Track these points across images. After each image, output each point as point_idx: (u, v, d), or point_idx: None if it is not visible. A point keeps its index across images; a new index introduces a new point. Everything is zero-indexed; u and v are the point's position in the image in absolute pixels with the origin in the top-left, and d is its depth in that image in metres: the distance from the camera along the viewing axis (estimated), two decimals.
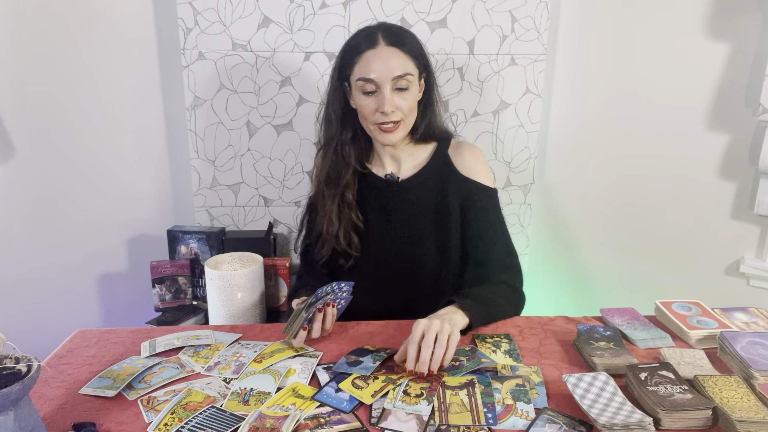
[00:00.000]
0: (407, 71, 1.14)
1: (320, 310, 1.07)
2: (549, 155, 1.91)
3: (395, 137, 1.19)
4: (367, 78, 1.13)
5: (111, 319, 1.91)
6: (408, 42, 1.16)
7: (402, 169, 1.29)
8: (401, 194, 1.27)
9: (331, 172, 1.26)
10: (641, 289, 1.80)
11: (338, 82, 1.22)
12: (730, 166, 1.59)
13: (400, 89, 1.14)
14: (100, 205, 1.82)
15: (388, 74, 1.12)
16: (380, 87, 1.13)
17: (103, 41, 1.69)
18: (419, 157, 1.29)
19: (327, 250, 1.28)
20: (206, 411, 0.85)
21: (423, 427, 0.82)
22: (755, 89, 1.50)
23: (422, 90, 1.23)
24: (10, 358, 0.74)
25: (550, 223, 1.95)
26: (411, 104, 1.17)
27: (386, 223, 1.28)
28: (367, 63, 1.14)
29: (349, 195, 1.26)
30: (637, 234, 1.79)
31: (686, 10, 1.57)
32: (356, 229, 1.27)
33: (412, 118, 1.20)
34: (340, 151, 1.26)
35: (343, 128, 1.25)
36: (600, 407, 0.83)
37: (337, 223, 1.25)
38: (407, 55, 1.15)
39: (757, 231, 1.58)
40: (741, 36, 1.51)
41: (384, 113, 1.14)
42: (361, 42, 1.16)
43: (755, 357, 0.93)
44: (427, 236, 1.27)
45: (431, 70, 1.24)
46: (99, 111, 1.75)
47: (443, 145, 1.29)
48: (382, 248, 1.28)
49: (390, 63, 1.13)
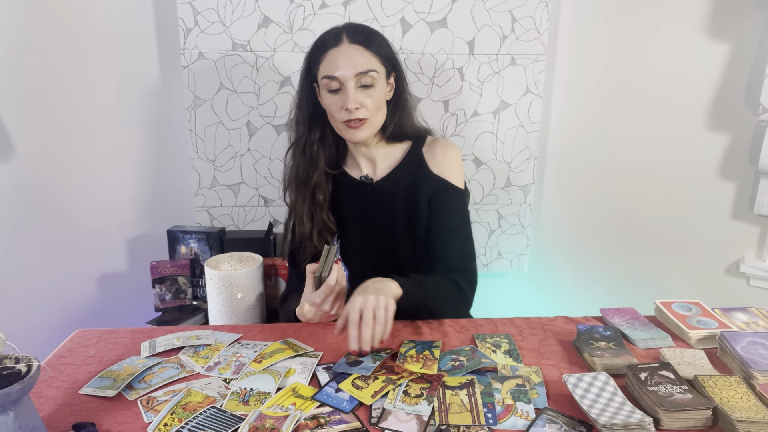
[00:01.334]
0: (371, 68, 1.15)
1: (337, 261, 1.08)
2: (549, 155, 1.91)
3: (361, 134, 1.18)
4: (331, 75, 1.15)
5: (111, 319, 1.91)
6: (374, 41, 1.18)
7: (377, 170, 1.29)
8: (376, 195, 1.27)
9: (301, 172, 1.27)
10: (641, 289, 1.80)
11: (306, 83, 1.23)
12: (730, 166, 1.59)
13: (364, 86, 1.15)
14: (100, 204, 1.82)
15: (352, 71, 1.13)
16: (344, 84, 1.14)
17: (103, 41, 1.69)
18: (394, 157, 1.29)
19: (309, 251, 1.28)
20: (206, 411, 0.85)
21: (423, 427, 0.82)
22: (755, 89, 1.50)
23: (392, 90, 1.24)
24: (10, 358, 0.74)
25: (550, 223, 1.95)
26: (377, 102, 1.17)
27: (364, 225, 1.29)
28: (332, 60, 1.15)
29: (319, 196, 1.26)
30: (637, 234, 1.79)
31: (686, 10, 1.57)
32: (330, 230, 1.28)
33: (379, 117, 1.21)
34: (308, 151, 1.26)
35: (310, 128, 1.25)
36: (600, 407, 0.83)
37: (308, 224, 1.26)
38: (372, 53, 1.16)
39: (757, 231, 1.59)
40: (741, 36, 1.51)
41: (348, 110, 1.15)
42: (326, 40, 1.17)
43: (755, 357, 0.93)
44: (402, 236, 1.27)
45: (401, 70, 1.24)
46: (99, 111, 1.75)
47: (417, 144, 1.29)
48: (360, 249, 1.29)
49: (353, 60, 1.14)
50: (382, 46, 1.19)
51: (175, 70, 1.74)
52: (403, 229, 1.27)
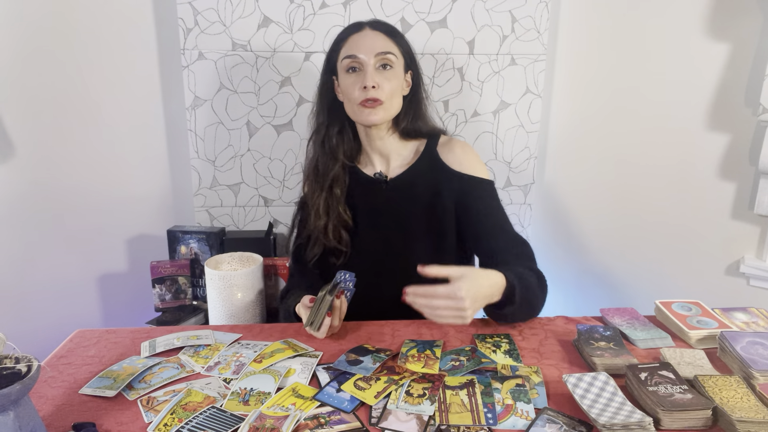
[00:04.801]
0: (390, 50, 1.18)
1: (338, 296, 1.08)
2: (549, 155, 1.91)
3: (376, 116, 1.18)
4: (352, 54, 1.17)
5: (111, 319, 1.91)
6: (396, 34, 1.22)
7: (391, 168, 1.29)
8: (390, 193, 1.27)
9: (320, 164, 1.28)
10: (641, 289, 1.80)
11: (327, 76, 1.25)
12: (730, 166, 1.59)
13: (383, 66, 1.18)
14: (100, 205, 1.82)
15: (371, 50, 1.16)
16: (363, 64, 1.17)
17: (104, 41, 1.69)
18: (408, 154, 1.29)
19: (318, 248, 1.28)
20: (206, 411, 0.85)
21: (423, 427, 0.82)
22: (755, 89, 1.50)
23: (409, 86, 1.25)
24: (10, 358, 0.74)
25: (550, 223, 1.95)
26: (393, 86, 1.18)
27: (376, 223, 1.28)
28: (353, 43, 1.19)
29: (337, 190, 1.27)
30: (637, 234, 1.79)
31: (686, 10, 1.57)
32: (345, 225, 1.27)
33: (394, 103, 1.21)
34: (327, 144, 1.27)
35: (330, 121, 1.27)
36: (600, 407, 0.83)
37: (324, 217, 1.26)
38: (392, 41, 1.20)
39: (757, 231, 1.58)
40: (741, 36, 1.51)
41: (365, 88, 1.15)
42: (348, 29, 1.22)
43: (755, 357, 0.93)
44: (419, 235, 1.26)
45: (418, 70, 1.26)
46: (99, 111, 1.75)
47: (432, 142, 1.29)
48: (373, 248, 1.28)
49: (374, 42, 1.17)
50: (403, 40, 1.24)
51: (175, 70, 1.74)
52: (417, 226, 1.26)
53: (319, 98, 1.28)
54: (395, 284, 1.28)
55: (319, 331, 1.06)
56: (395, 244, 1.27)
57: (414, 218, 1.26)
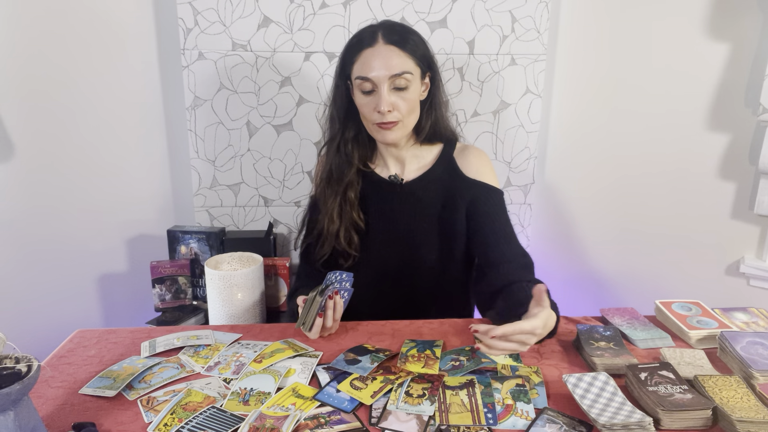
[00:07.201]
0: (405, 70, 1.13)
1: (331, 297, 1.07)
2: (549, 155, 1.91)
3: (393, 136, 1.18)
4: (364, 77, 1.13)
5: (111, 319, 1.91)
6: (409, 41, 1.15)
7: (406, 171, 1.28)
8: (404, 196, 1.26)
9: (334, 169, 1.26)
10: (641, 289, 1.80)
11: (341, 80, 1.21)
12: (730, 166, 1.59)
13: (398, 88, 1.14)
14: (100, 204, 1.82)
15: (385, 73, 1.12)
16: (377, 86, 1.13)
17: (104, 41, 1.69)
18: (424, 159, 1.28)
19: (327, 248, 1.27)
20: (206, 411, 0.85)
21: (423, 427, 0.82)
22: (755, 89, 1.50)
23: (427, 89, 1.22)
24: (10, 358, 0.74)
25: (550, 223, 1.95)
26: (410, 104, 1.16)
27: (388, 225, 1.27)
28: (366, 61, 1.13)
29: (351, 194, 1.26)
30: (637, 234, 1.79)
31: (686, 10, 1.57)
32: (357, 228, 1.27)
33: (412, 119, 1.20)
34: (343, 149, 1.25)
35: (345, 126, 1.25)
36: (600, 407, 0.83)
37: (337, 221, 1.25)
38: (407, 54, 1.14)
39: (757, 231, 1.58)
40: (741, 36, 1.51)
41: (380, 113, 1.13)
42: (362, 39, 1.15)
43: (755, 357, 0.93)
44: (429, 239, 1.26)
45: (436, 70, 1.22)
46: (99, 111, 1.75)
47: (449, 148, 1.28)
48: (382, 249, 1.28)
49: (388, 62, 1.12)
50: (418, 46, 1.17)
51: (175, 70, 1.74)
52: (430, 231, 1.26)
53: (333, 103, 1.25)
54: (403, 285, 1.28)
55: (310, 331, 1.07)
56: (404, 246, 1.27)
57: (426, 222, 1.25)
